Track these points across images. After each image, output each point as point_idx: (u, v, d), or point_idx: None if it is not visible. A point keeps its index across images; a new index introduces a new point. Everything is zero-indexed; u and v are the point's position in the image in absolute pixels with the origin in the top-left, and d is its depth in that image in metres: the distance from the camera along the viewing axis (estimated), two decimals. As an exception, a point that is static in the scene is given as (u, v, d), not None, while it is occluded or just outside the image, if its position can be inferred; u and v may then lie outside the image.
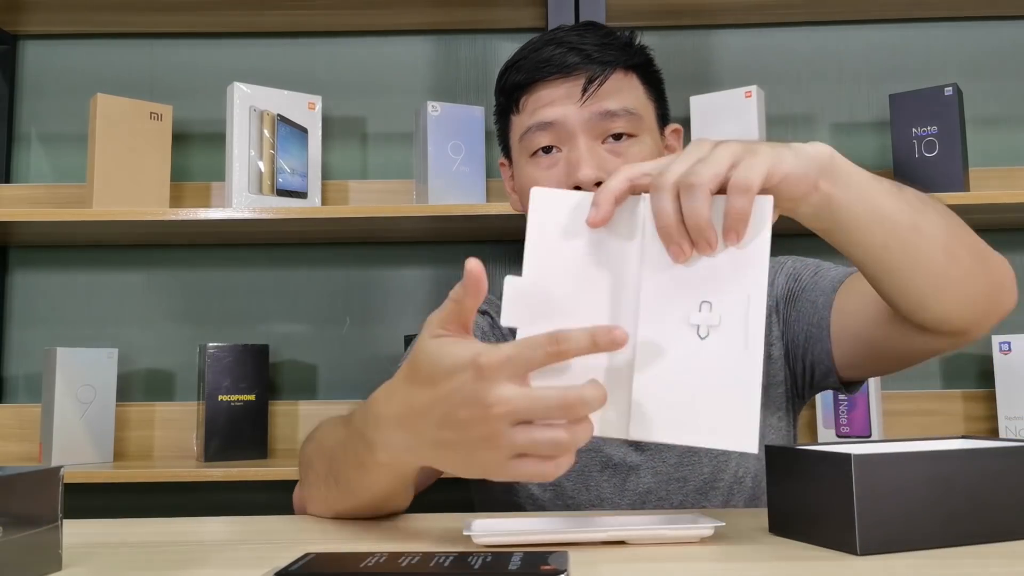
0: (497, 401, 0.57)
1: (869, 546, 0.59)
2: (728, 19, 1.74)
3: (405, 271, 1.74)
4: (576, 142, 0.95)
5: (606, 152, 0.96)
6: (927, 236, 0.74)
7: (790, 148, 0.67)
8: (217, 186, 1.72)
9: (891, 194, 0.73)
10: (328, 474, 0.78)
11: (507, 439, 0.57)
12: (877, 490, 0.60)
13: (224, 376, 1.54)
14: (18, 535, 0.54)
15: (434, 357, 0.60)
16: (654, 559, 0.61)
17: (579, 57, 0.96)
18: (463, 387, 0.58)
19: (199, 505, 1.65)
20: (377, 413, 0.67)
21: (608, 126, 0.96)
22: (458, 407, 0.58)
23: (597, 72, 0.96)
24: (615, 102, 0.96)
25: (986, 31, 1.75)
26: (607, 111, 0.95)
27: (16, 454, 1.65)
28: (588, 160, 0.94)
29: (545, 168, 0.97)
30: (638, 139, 0.97)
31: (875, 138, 1.73)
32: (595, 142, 0.96)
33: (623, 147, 0.96)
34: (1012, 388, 1.54)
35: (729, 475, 0.97)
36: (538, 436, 0.57)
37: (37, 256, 1.74)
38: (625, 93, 0.97)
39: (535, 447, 0.57)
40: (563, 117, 0.96)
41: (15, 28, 1.76)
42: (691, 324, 0.60)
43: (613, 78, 0.97)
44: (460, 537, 0.69)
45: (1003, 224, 1.65)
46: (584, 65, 0.96)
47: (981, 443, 0.71)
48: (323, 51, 1.78)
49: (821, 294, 0.97)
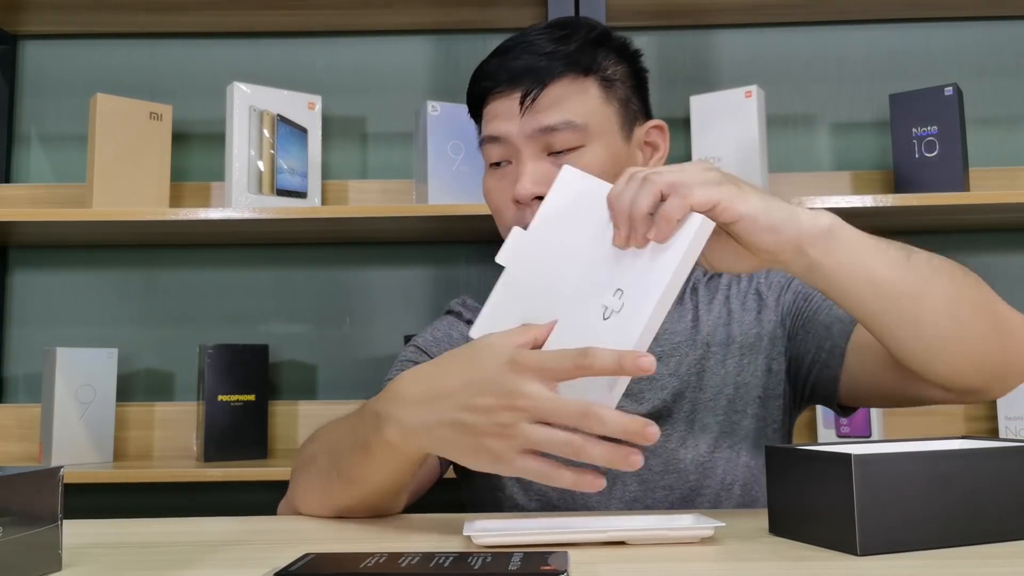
0: (525, 395, 0.62)
1: (869, 546, 0.59)
2: (728, 19, 1.74)
3: (405, 271, 1.74)
4: (520, 156, 0.95)
5: (550, 165, 0.94)
6: (931, 305, 0.75)
7: (775, 201, 0.71)
8: (217, 186, 1.72)
9: (894, 263, 0.74)
10: (331, 466, 0.80)
11: (523, 433, 0.63)
12: (877, 490, 0.60)
13: (224, 376, 1.54)
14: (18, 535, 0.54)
15: (478, 344, 0.67)
16: (654, 559, 0.61)
17: (521, 66, 0.95)
18: (496, 375, 0.64)
19: (199, 505, 1.65)
20: (397, 391, 0.72)
21: (548, 140, 0.94)
22: (486, 393, 0.64)
23: (533, 84, 0.94)
24: (555, 115, 0.94)
25: (986, 31, 1.75)
26: (545, 126, 0.94)
27: (16, 454, 1.65)
28: (528, 175, 0.93)
29: (497, 179, 0.99)
30: (585, 150, 0.95)
31: (875, 138, 1.73)
32: (540, 154, 0.95)
33: (567, 160, 0.94)
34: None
35: (715, 482, 0.96)
36: (555, 434, 0.62)
37: (37, 256, 1.74)
38: (569, 103, 0.95)
39: (549, 444, 0.62)
40: (506, 132, 0.96)
41: (15, 28, 1.76)
42: (602, 304, 0.67)
43: (554, 88, 0.94)
44: (460, 537, 0.69)
45: (1003, 224, 1.65)
46: (526, 76, 0.94)
47: (981, 443, 0.71)
48: (323, 51, 1.78)
49: (838, 321, 0.96)
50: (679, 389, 0.98)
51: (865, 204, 1.45)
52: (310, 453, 0.87)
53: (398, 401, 0.71)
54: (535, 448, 0.63)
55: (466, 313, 1.10)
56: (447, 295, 1.72)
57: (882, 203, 1.44)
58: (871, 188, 1.69)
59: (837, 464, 0.60)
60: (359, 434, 0.76)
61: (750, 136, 1.53)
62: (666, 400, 0.98)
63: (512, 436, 0.63)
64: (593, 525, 0.69)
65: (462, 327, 1.09)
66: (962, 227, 1.68)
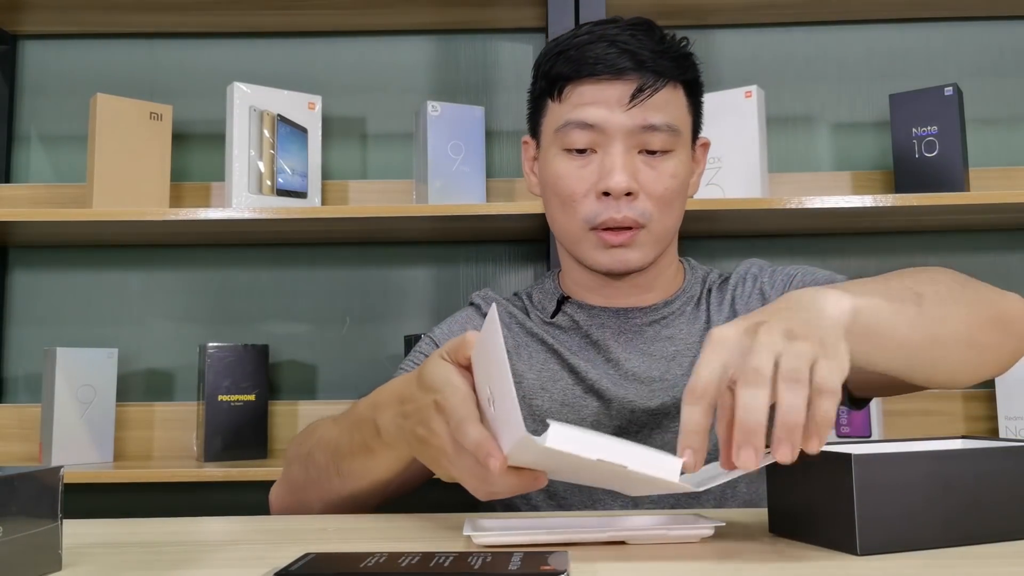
0: (438, 432, 0.67)
1: (869, 546, 0.59)
2: (728, 19, 1.74)
3: (405, 271, 1.74)
4: (613, 147, 0.95)
5: (641, 163, 0.96)
6: (951, 344, 0.74)
7: (819, 326, 0.61)
8: (217, 186, 1.72)
9: (913, 321, 0.70)
10: (330, 463, 0.84)
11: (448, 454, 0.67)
12: (877, 490, 0.60)
13: (224, 376, 1.54)
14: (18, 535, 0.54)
15: (431, 372, 0.69)
16: (654, 559, 0.61)
17: (632, 61, 0.94)
18: (428, 407, 0.68)
19: (199, 505, 1.65)
20: (378, 402, 0.78)
21: (648, 139, 0.95)
22: (424, 419, 0.68)
23: (649, 82, 0.94)
24: (660, 116, 0.95)
25: (986, 31, 1.75)
26: (651, 124, 0.95)
27: (16, 454, 1.65)
28: (623, 168, 0.94)
29: (578, 167, 0.97)
30: (674, 154, 0.97)
31: (875, 138, 1.73)
32: (632, 150, 0.96)
33: (658, 161, 0.96)
34: (1012, 388, 1.54)
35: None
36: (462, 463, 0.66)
37: (37, 256, 1.74)
38: (670, 107, 0.97)
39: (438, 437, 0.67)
40: (605, 121, 0.95)
41: (15, 28, 1.76)
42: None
43: (667, 89, 0.96)
44: (460, 537, 0.69)
45: (1003, 224, 1.65)
46: (636, 71, 0.94)
47: (981, 443, 0.71)
48: (323, 51, 1.78)
49: None
50: None
51: (865, 204, 1.44)
52: (307, 450, 0.90)
53: (382, 410, 0.77)
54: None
55: (484, 307, 1.10)
56: (447, 295, 1.72)
57: (882, 203, 1.44)
58: (871, 188, 1.69)
59: (837, 464, 0.60)
60: (357, 437, 0.81)
61: (750, 136, 1.53)
62: (676, 399, 0.98)
63: (446, 457, 0.67)
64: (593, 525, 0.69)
65: (479, 321, 1.09)
66: (962, 227, 1.68)
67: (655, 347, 1.02)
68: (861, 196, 1.45)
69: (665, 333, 1.03)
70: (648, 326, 1.03)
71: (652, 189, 0.96)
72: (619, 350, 1.02)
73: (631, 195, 0.96)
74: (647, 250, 0.99)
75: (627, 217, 0.95)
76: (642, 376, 1.00)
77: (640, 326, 1.03)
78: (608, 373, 1.00)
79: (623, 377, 1.00)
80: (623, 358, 1.01)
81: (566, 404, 1.00)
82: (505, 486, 0.64)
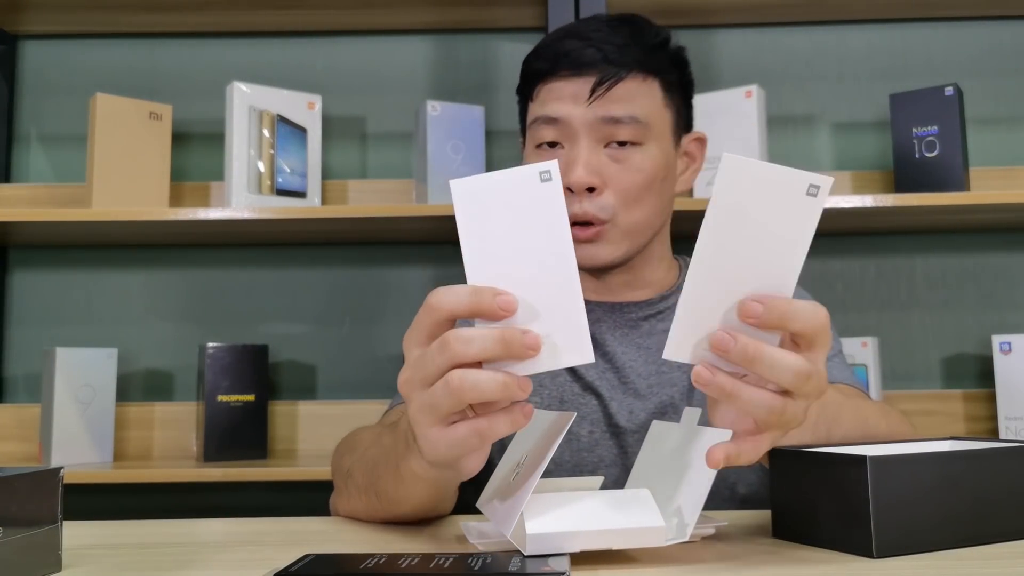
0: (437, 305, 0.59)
1: (885, 548, 0.59)
2: (728, 19, 1.74)
3: (405, 271, 1.74)
4: (577, 142, 0.95)
5: (606, 157, 0.96)
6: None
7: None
8: (216, 186, 1.72)
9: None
10: (368, 486, 0.78)
11: (452, 375, 0.56)
12: (892, 491, 0.59)
13: (224, 376, 1.54)
14: (18, 536, 0.54)
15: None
16: (654, 559, 0.61)
17: (596, 55, 0.95)
18: (420, 320, 0.60)
19: (199, 505, 1.65)
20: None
21: (612, 132, 0.95)
22: (418, 337, 0.60)
23: (609, 74, 0.94)
24: (623, 108, 0.95)
25: (986, 31, 1.75)
26: (612, 117, 0.95)
27: (16, 454, 1.65)
28: (583, 163, 0.94)
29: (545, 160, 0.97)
30: (642, 147, 0.97)
31: (875, 138, 1.73)
32: (597, 145, 0.96)
33: (625, 154, 0.96)
34: (1012, 388, 1.54)
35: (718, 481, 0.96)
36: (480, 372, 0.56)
37: (37, 256, 1.74)
38: (637, 100, 0.96)
39: (476, 382, 0.56)
40: (568, 115, 0.95)
41: (15, 28, 1.76)
42: None
43: (627, 83, 0.95)
44: (460, 538, 0.69)
45: (1003, 224, 1.65)
46: (598, 65, 0.95)
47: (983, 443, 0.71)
48: (323, 51, 1.78)
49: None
50: (688, 386, 0.99)
51: (865, 204, 1.44)
52: (348, 467, 0.85)
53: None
54: (468, 392, 0.56)
55: None
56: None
57: (882, 203, 1.44)
58: (871, 188, 1.69)
59: (851, 466, 0.60)
60: (391, 456, 0.73)
61: (750, 136, 1.53)
62: (674, 397, 0.98)
63: (446, 380, 0.56)
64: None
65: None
66: (962, 227, 1.68)
67: (651, 341, 1.02)
68: (861, 196, 1.45)
69: (660, 327, 1.03)
70: (644, 320, 1.04)
71: (617, 183, 0.96)
72: (615, 344, 1.02)
73: (594, 190, 0.95)
74: (616, 246, 0.98)
75: (587, 212, 0.95)
76: (639, 372, 1.00)
77: (636, 320, 1.03)
78: (605, 370, 1.00)
79: (620, 375, 1.00)
80: (619, 352, 1.01)
81: (565, 402, 1.00)
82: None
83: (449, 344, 0.56)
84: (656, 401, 0.98)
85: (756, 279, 0.56)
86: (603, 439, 0.98)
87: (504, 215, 0.57)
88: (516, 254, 0.57)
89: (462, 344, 0.56)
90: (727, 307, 0.56)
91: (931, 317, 1.70)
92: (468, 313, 0.57)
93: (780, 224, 0.55)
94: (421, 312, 0.60)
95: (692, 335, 0.57)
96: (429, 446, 0.59)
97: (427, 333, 0.59)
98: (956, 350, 1.69)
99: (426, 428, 0.59)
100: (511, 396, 0.56)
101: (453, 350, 0.56)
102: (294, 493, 1.60)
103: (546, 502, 0.60)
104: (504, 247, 0.57)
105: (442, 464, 0.61)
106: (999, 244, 1.71)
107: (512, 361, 0.56)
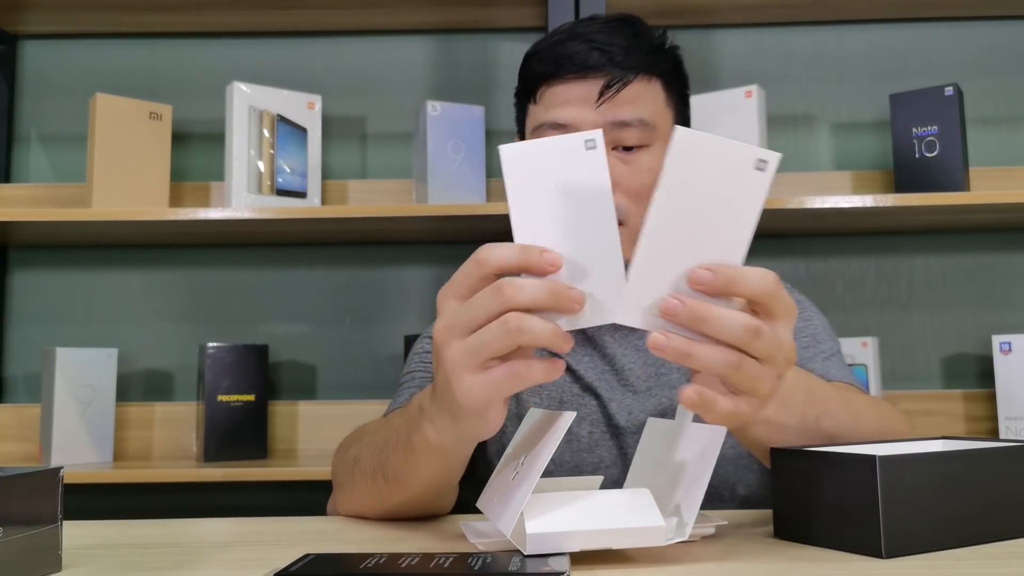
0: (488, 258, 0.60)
1: (894, 548, 0.59)
2: (728, 19, 1.74)
3: (405, 271, 1.74)
4: None
5: (616, 160, 0.95)
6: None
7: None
8: (216, 186, 1.72)
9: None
10: (377, 468, 0.78)
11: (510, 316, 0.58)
12: (901, 491, 0.59)
13: (224, 376, 1.54)
14: (18, 536, 0.54)
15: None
16: (654, 559, 0.61)
17: (601, 58, 0.94)
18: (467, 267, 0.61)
19: (199, 506, 1.65)
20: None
21: (620, 135, 0.95)
22: (460, 290, 0.61)
23: (617, 77, 0.94)
24: (630, 111, 0.95)
25: (986, 31, 1.75)
26: (621, 121, 0.94)
27: (16, 454, 1.65)
28: None
29: None
30: (649, 149, 0.96)
31: (875, 138, 1.73)
32: (606, 148, 0.96)
33: (633, 157, 0.96)
34: (1012, 388, 1.54)
35: (718, 481, 0.96)
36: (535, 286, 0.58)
37: (37, 256, 1.74)
38: (643, 102, 0.96)
39: (534, 297, 0.58)
40: (575, 120, 0.95)
41: (15, 28, 1.76)
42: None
43: (633, 85, 0.95)
44: (460, 538, 0.69)
45: (1003, 224, 1.65)
46: (605, 68, 0.94)
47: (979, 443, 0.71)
48: (323, 50, 1.78)
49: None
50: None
51: (865, 204, 1.44)
52: (354, 455, 0.85)
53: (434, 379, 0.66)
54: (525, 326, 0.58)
55: None
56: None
57: (882, 203, 1.44)
58: (871, 188, 1.69)
59: (860, 465, 0.60)
60: (403, 433, 0.74)
61: (750, 136, 1.53)
62: (673, 397, 0.98)
63: (502, 321, 0.58)
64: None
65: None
66: (962, 227, 1.68)
67: None
68: (861, 196, 1.45)
69: None
70: None
71: (627, 185, 0.96)
72: (615, 346, 1.02)
73: None
74: (628, 248, 0.98)
75: None
76: (638, 373, 1.00)
77: None
78: (605, 371, 1.00)
79: (619, 375, 1.00)
80: (619, 353, 1.01)
81: (564, 402, 1.00)
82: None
83: (504, 289, 0.58)
84: (655, 402, 0.98)
85: (706, 249, 0.58)
86: (603, 439, 0.98)
87: (550, 180, 0.59)
88: (561, 216, 0.59)
89: (515, 290, 0.58)
90: (677, 276, 0.58)
91: (931, 317, 1.70)
92: (516, 267, 0.59)
93: (729, 197, 0.57)
94: (467, 265, 0.61)
95: (642, 301, 0.58)
96: (465, 390, 0.60)
97: (470, 286, 0.61)
98: (956, 350, 1.69)
99: (464, 373, 0.60)
100: (558, 346, 0.58)
101: (507, 294, 0.58)
102: (294, 493, 1.60)
103: (546, 502, 0.60)
104: (549, 210, 0.59)
105: (474, 413, 0.62)
106: (999, 244, 1.71)
107: (556, 314, 0.59)
